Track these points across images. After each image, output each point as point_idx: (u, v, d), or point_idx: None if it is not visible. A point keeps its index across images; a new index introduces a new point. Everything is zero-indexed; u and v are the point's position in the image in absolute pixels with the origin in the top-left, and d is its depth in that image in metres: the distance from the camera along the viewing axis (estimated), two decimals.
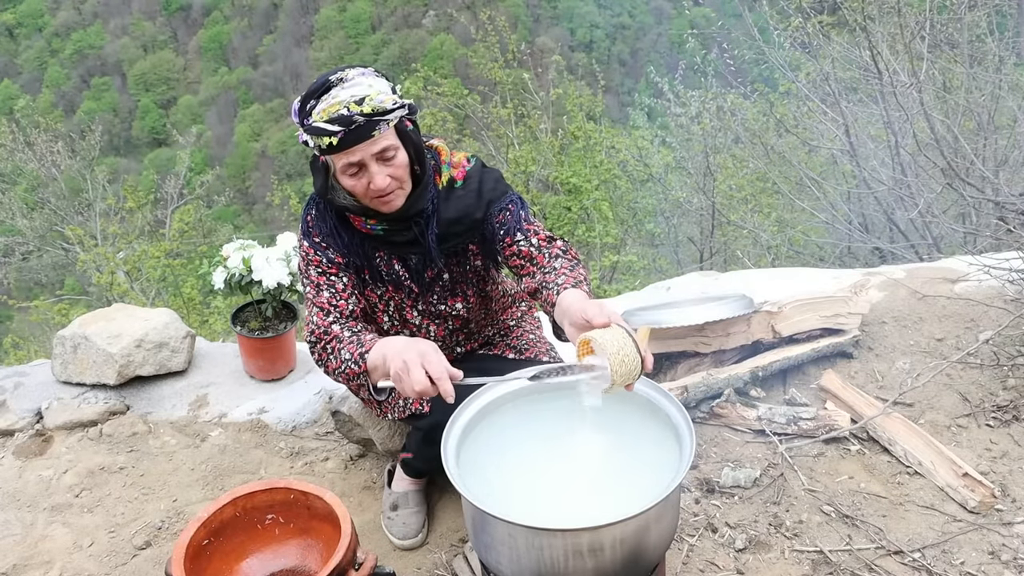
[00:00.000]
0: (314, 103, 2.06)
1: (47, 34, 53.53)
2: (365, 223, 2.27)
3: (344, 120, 2.02)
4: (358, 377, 2.10)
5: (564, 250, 2.25)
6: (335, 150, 2.06)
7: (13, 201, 12.78)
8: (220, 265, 3.33)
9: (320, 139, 2.05)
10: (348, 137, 2.04)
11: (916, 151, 6.11)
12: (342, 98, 2.03)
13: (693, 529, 2.50)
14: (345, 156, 2.08)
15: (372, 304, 2.40)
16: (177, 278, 10.93)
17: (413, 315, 2.42)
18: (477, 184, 2.32)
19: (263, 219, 32.54)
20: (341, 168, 2.11)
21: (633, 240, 10.53)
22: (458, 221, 2.29)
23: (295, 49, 53.07)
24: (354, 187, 2.14)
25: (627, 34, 50.02)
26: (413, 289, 2.38)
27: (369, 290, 2.37)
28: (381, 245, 2.32)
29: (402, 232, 2.28)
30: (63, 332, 3.38)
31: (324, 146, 2.06)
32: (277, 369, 3.45)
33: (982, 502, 2.49)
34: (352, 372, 2.10)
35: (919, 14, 6.28)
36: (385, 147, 2.10)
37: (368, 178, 2.11)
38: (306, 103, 2.08)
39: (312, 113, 2.06)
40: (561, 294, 2.03)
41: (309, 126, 2.06)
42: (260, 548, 2.06)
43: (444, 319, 2.46)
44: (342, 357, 2.13)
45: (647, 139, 10.83)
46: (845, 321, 3.18)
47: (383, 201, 2.17)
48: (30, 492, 2.91)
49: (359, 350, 2.08)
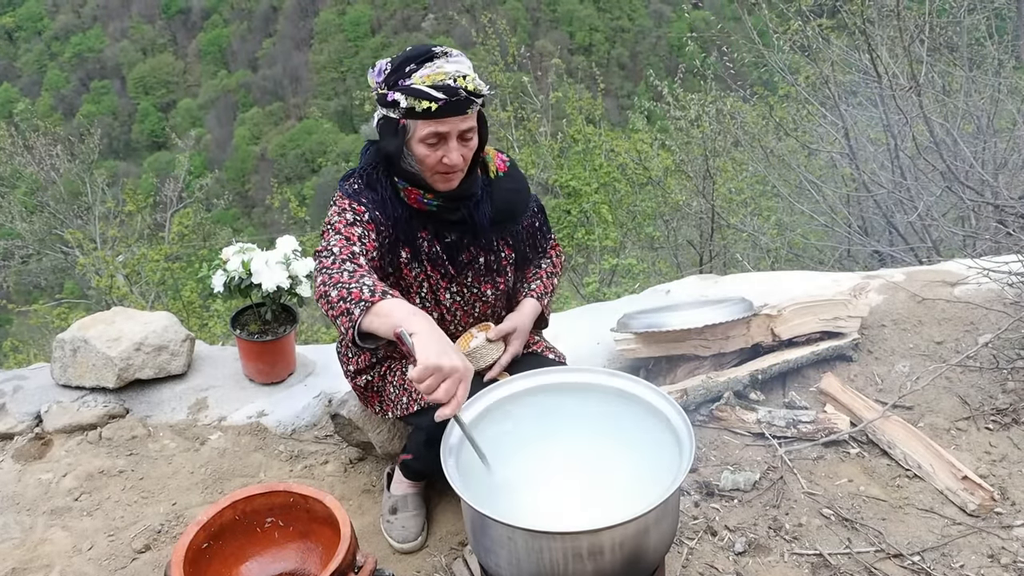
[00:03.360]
0: (415, 67, 2.12)
1: (46, 37, 53.60)
2: (422, 197, 2.30)
3: (449, 90, 2.09)
4: (359, 304, 1.92)
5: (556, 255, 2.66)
6: (429, 116, 2.12)
7: (12, 205, 12.76)
8: (219, 268, 3.32)
9: (419, 102, 2.10)
10: (447, 107, 2.11)
11: (915, 154, 6.11)
12: (448, 70, 2.11)
13: (693, 532, 2.50)
14: (435, 124, 2.14)
15: (407, 284, 2.40)
16: (176, 281, 10.92)
17: (446, 297, 2.44)
18: (518, 174, 2.49)
19: (262, 222, 32.58)
20: (423, 136, 2.16)
21: (633, 243, 10.53)
22: (507, 210, 2.43)
23: (295, 52, 53.15)
24: (427, 157, 2.19)
25: (626, 37, 50.09)
26: (450, 270, 2.41)
27: (407, 269, 2.37)
28: (428, 223, 2.36)
29: (454, 211, 2.35)
30: (62, 336, 3.37)
31: (419, 109, 2.11)
32: (276, 372, 3.44)
33: (981, 505, 2.49)
34: (357, 296, 1.93)
35: (918, 17, 6.29)
36: (470, 127, 2.19)
37: (444, 152, 2.18)
38: (404, 65, 2.13)
39: (412, 76, 2.11)
40: (524, 299, 2.57)
41: (408, 87, 2.10)
42: (260, 551, 2.06)
43: (472, 305, 2.49)
44: (362, 280, 1.98)
45: (647, 142, 10.82)
46: (844, 324, 3.18)
47: (445, 178, 2.24)
48: (29, 496, 2.91)
49: (383, 287, 1.97)
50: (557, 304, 9.27)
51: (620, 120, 20.37)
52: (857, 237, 6.80)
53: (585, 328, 3.49)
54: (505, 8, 44.59)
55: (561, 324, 3.53)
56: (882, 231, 6.95)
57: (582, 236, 9.58)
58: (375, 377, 2.56)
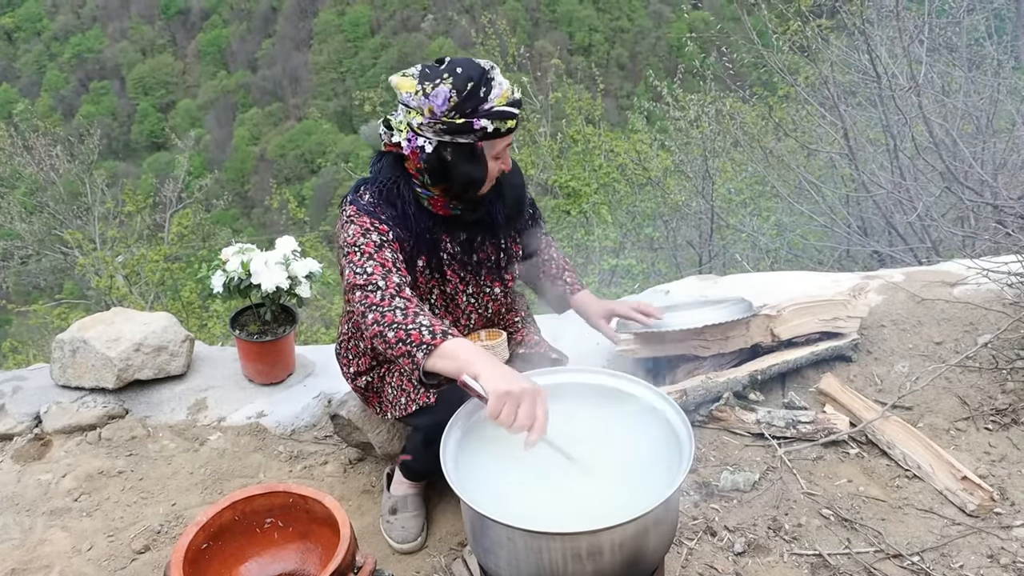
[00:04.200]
0: (486, 90, 2.15)
1: (46, 38, 53.60)
2: (448, 203, 2.34)
3: (518, 104, 2.20)
4: (420, 347, 1.93)
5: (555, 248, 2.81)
6: (508, 132, 2.20)
7: (12, 205, 12.76)
8: (219, 269, 3.32)
9: (503, 122, 2.17)
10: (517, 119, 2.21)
11: (915, 155, 6.12)
12: (505, 84, 2.19)
13: (692, 532, 2.50)
14: (508, 138, 2.23)
15: (421, 293, 2.42)
16: (176, 282, 10.92)
17: (463, 299, 2.48)
18: (519, 173, 2.53)
19: (262, 223, 32.57)
20: (499, 151, 2.24)
21: (632, 244, 10.52)
22: (516, 204, 2.51)
23: (294, 53, 53.17)
24: (493, 171, 2.26)
25: (626, 37, 50.11)
26: (468, 271, 2.45)
27: (422, 277, 2.39)
28: (447, 228, 2.39)
29: (473, 212, 2.40)
30: (62, 336, 3.37)
31: (504, 129, 2.18)
32: (276, 373, 3.44)
33: (981, 505, 2.49)
34: (417, 338, 1.94)
35: (918, 18, 6.30)
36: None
37: (504, 160, 2.28)
38: (476, 90, 2.14)
39: (488, 99, 2.15)
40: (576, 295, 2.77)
41: (491, 111, 2.15)
42: (259, 552, 2.06)
43: (485, 305, 2.54)
44: (419, 321, 1.98)
45: (646, 143, 10.83)
46: (844, 324, 3.18)
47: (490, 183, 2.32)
48: (29, 496, 2.91)
49: (442, 327, 1.97)
50: None
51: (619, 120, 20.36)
52: (856, 237, 6.80)
53: (585, 328, 3.48)
54: (504, 8, 44.60)
55: (561, 324, 3.53)
56: (881, 231, 6.95)
57: (582, 236, 9.58)
58: (375, 379, 2.57)
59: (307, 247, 9.49)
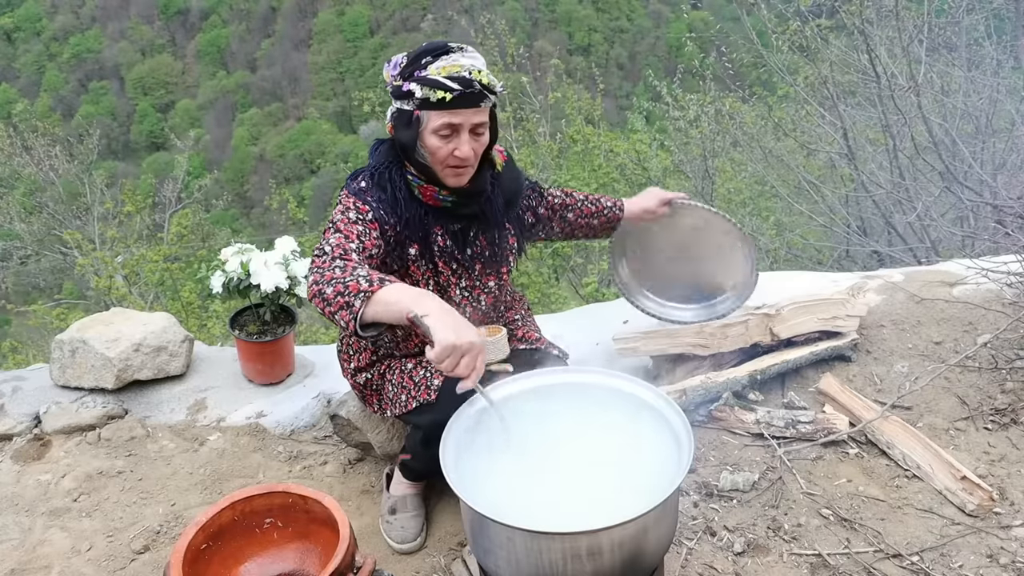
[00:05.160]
0: (431, 59, 2.17)
1: (45, 38, 53.58)
2: (438, 194, 2.33)
3: (464, 81, 2.14)
4: (358, 295, 1.91)
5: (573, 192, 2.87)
6: (444, 106, 2.16)
7: (11, 205, 12.76)
8: (218, 269, 3.32)
9: (434, 92, 2.15)
10: (461, 99, 2.16)
11: (914, 154, 6.12)
12: (464, 63, 2.17)
13: (692, 532, 2.50)
14: (449, 115, 2.18)
15: (413, 282, 2.41)
16: (175, 282, 10.91)
17: (456, 292, 2.47)
18: (516, 167, 2.56)
19: (261, 223, 32.56)
20: (437, 127, 2.19)
21: None
22: (513, 195, 2.51)
23: (293, 53, 53.17)
24: (438, 149, 2.22)
25: (625, 38, 50.14)
26: (462, 264, 2.45)
27: (415, 267, 2.39)
28: (440, 219, 2.38)
29: (468, 206, 2.38)
30: (61, 336, 3.37)
31: (435, 99, 2.15)
32: (275, 373, 3.44)
33: (980, 505, 2.49)
34: (355, 288, 1.92)
35: (917, 18, 6.31)
36: (482, 121, 2.24)
37: (455, 144, 2.22)
38: (421, 58, 2.18)
39: (428, 68, 2.16)
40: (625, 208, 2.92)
41: (423, 78, 2.15)
42: (258, 552, 2.06)
43: (478, 299, 2.52)
44: (356, 273, 1.98)
45: (645, 143, 10.83)
46: (843, 323, 3.18)
47: (456, 172, 2.27)
48: (28, 496, 2.91)
49: (379, 275, 1.97)
50: (556, 305, 9.27)
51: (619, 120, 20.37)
52: (856, 237, 6.81)
53: (584, 329, 3.49)
54: (504, 8, 44.61)
55: (560, 325, 3.53)
56: (881, 231, 6.96)
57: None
58: (375, 375, 2.57)
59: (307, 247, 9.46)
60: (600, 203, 2.90)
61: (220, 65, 54.43)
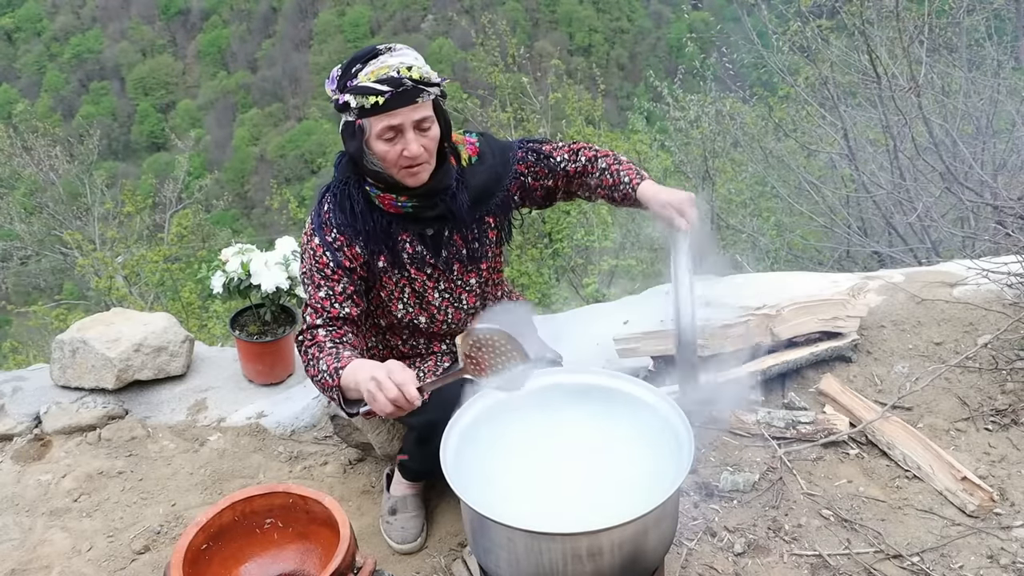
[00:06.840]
0: (360, 67, 2.13)
1: (46, 38, 53.53)
2: (396, 201, 2.29)
3: (393, 82, 2.09)
4: (331, 390, 2.10)
5: (594, 154, 2.51)
6: (379, 110, 2.12)
7: (11, 206, 12.75)
8: (219, 269, 3.32)
9: (366, 98, 2.11)
10: (395, 99, 2.11)
11: (915, 155, 6.12)
12: (391, 63, 2.12)
13: (692, 533, 2.49)
14: (387, 118, 2.13)
15: (388, 293, 2.40)
16: (176, 282, 10.91)
17: (435, 296, 2.44)
18: (490, 149, 2.44)
19: (262, 223, 32.53)
20: (379, 132, 2.15)
21: (632, 244, 10.53)
22: (486, 188, 2.40)
23: (294, 53, 53.13)
24: (387, 153, 2.18)
25: (626, 38, 50.11)
26: (437, 268, 2.41)
27: (386, 277, 2.37)
28: (407, 225, 2.35)
29: (431, 207, 2.33)
30: (62, 336, 3.37)
31: (369, 106, 2.11)
32: (276, 373, 3.44)
33: (981, 506, 2.49)
34: (327, 384, 2.10)
35: (918, 18, 6.30)
36: (424, 116, 2.17)
37: (403, 145, 2.17)
38: (351, 67, 2.15)
39: (358, 75, 2.12)
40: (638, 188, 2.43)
41: (355, 87, 2.11)
42: (259, 552, 2.06)
43: (459, 299, 2.48)
44: (319, 367, 2.14)
45: (646, 143, 10.83)
46: (843, 324, 3.17)
47: (411, 172, 2.22)
48: (29, 497, 2.91)
49: (335, 364, 2.09)
50: (556, 305, 9.28)
51: (619, 121, 20.38)
52: (856, 238, 6.81)
53: (584, 329, 3.49)
54: (504, 9, 44.55)
55: (561, 325, 3.53)
56: (881, 232, 6.96)
57: (581, 237, 9.58)
58: None
59: None
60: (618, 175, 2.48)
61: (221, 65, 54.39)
